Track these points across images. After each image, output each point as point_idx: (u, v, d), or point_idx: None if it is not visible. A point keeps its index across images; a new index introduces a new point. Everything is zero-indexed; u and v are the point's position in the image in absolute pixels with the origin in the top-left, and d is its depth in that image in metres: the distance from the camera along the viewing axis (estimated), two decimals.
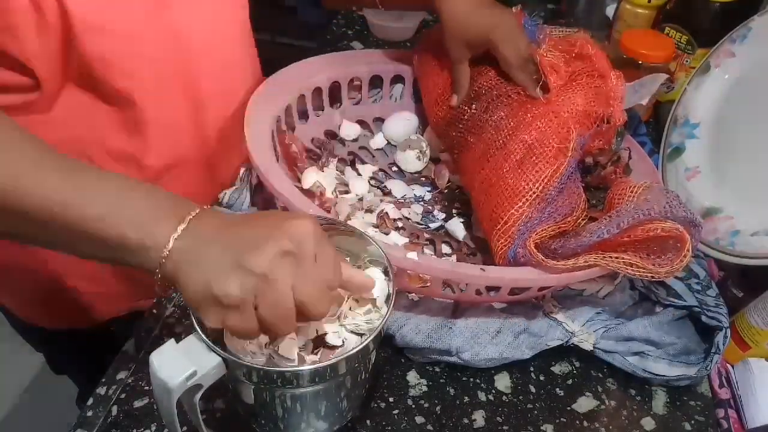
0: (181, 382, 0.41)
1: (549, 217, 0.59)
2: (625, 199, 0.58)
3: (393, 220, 0.71)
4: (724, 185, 0.75)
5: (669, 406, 0.61)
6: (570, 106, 0.63)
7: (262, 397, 0.47)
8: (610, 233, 0.54)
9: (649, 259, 0.54)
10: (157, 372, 0.41)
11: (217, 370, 0.42)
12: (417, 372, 0.61)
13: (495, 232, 0.61)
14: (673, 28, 0.91)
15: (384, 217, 0.70)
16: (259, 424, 0.52)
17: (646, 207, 0.54)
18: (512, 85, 0.67)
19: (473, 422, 0.58)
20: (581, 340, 0.62)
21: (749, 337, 0.64)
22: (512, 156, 0.62)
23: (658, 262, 0.54)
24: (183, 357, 0.41)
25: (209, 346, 0.42)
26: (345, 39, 1.11)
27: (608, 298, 0.65)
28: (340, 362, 0.43)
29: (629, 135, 0.78)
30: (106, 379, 0.58)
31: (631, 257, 0.54)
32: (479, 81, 0.70)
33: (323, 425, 0.51)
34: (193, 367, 0.41)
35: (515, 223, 0.59)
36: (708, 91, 0.81)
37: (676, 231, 0.53)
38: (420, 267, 0.56)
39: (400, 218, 0.72)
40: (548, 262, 0.55)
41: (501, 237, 0.60)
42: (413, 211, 0.74)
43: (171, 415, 0.43)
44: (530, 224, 0.59)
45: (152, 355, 0.42)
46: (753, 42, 0.77)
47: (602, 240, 0.54)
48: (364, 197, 0.73)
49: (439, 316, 0.61)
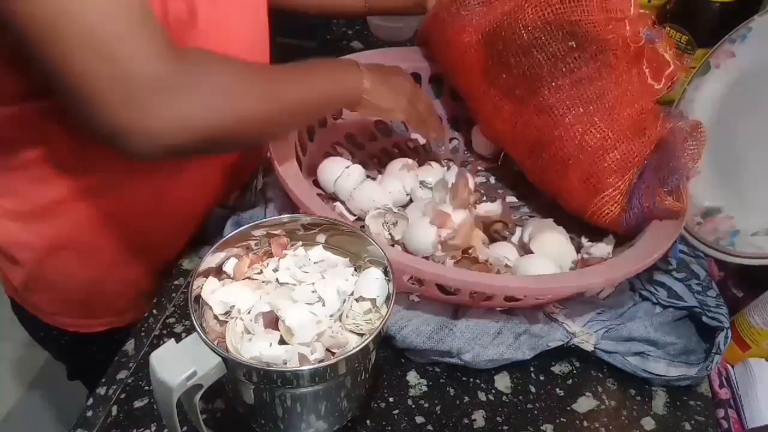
0: (181, 382, 0.41)
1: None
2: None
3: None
4: (724, 185, 0.75)
5: (669, 406, 0.61)
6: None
7: (262, 397, 0.47)
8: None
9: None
10: (157, 372, 0.41)
11: (217, 370, 0.42)
12: (417, 372, 0.61)
13: (599, 199, 0.66)
14: (673, 28, 0.91)
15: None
16: (259, 424, 0.52)
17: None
18: (609, 42, 0.64)
19: (473, 422, 0.58)
20: (582, 340, 0.62)
21: (749, 337, 0.64)
22: (617, 127, 0.65)
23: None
24: (183, 357, 0.42)
25: (209, 345, 0.42)
26: (345, 39, 1.11)
27: (609, 299, 0.65)
28: (340, 362, 0.43)
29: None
30: (106, 379, 0.58)
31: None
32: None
33: (323, 425, 0.51)
34: (194, 367, 0.41)
35: (625, 193, 0.65)
36: (708, 91, 0.81)
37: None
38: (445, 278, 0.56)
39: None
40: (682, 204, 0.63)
41: (608, 204, 0.66)
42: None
43: (171, 415, 0.43)
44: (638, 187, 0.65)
45: (152, 355, 0.42)
46: (753, 42, 0.77)
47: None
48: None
49: (440, 317, 0.61)
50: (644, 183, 0.65)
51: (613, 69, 0.64)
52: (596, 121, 0.65)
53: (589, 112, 0.65)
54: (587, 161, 0.66)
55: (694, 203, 0.74)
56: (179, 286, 0.68)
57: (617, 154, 0.65)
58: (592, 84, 0.65)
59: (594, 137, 0.65)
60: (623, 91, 0.65)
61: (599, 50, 0.64)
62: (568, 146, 0.67)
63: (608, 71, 0.64)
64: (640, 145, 0.65)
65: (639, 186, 0.65)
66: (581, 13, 0.63)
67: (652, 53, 0.65)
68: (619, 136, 0.65)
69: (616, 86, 0.65)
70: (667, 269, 0.68)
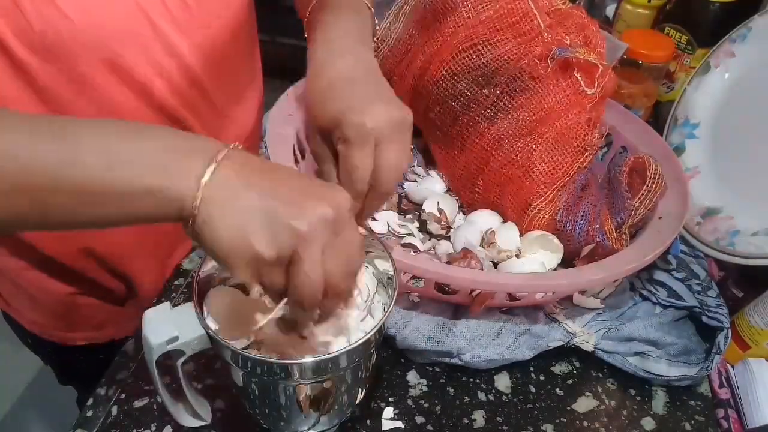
0: (161, 343, 0.43)
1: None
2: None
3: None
4: (724, 185, 0.75)
5: (669, 406, 0.61)
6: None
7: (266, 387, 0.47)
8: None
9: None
10: (144, 329, 0.43)
11: (200, 341, 0.44)
12: (417, 372, 0.61)
13: (530, 211, 0.67)
14: (673, 28, 0.91)
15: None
16: (263, 415, 0.52)
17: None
18: (522, 68, 0.65)
19: (473, 422, 0.58)
20: (582, 341, 0.62)
21: (749, 337, 0.64)
22: (543, 140, 0.66)
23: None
24: (171, 321, 0.43)
25: (198, 317, 0.43)
26: None
27: (609, 299, 0.65)
28: (341, 356, 0.43)
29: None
30: (106, 379, 0.58)
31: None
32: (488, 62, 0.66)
33: (324, 417, 0.51)
34: (176, 332, 0.43)
35: (556, 201, 0.66)
36: (708, 91, 0.81)
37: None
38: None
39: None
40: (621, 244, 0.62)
41: (537, 215, 0.66)
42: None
43: (153, 373, 0.45)
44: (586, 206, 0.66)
45: (145, 312, 0.44)
46: (753, 42, 0.77)
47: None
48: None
49: (440, 318, 0.61)
50: (593, 203, 0.65)
51: (531, 90, 0.66)
52: (523, 141, 0.67)
53: (514, 136, 0.67)
54: (517, 175, 0.68)
55: (694, 203, 0.74)
56: (179, 286, 0.68)
57: (545, 166, 0.66)
58: (510, 114, 0.67)
59: (519, 155, 0.67)
60: (550, 105, 0.66)
61: (512, 79, 0.65)
62: (504, 169, 0.68)
63: (528, 95, 0.66)
64: (570, 156, 0.66)
65: (586, 203, 0.66)
66: (488, 52, 0.64)
67: (581, 60, 0.65)
68: (547, 150, 0.66)
69: (538, 105, 0.66)
70: (667, 269, 0.68)
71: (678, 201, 0.65)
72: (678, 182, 0.67)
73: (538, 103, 0.66)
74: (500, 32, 0.63)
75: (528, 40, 0.63)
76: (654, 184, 0.65)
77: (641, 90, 0.85)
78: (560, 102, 0.65)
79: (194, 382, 0.57)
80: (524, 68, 0.64)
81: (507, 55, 0.64)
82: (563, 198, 0.66)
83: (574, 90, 0.65)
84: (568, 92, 0.65)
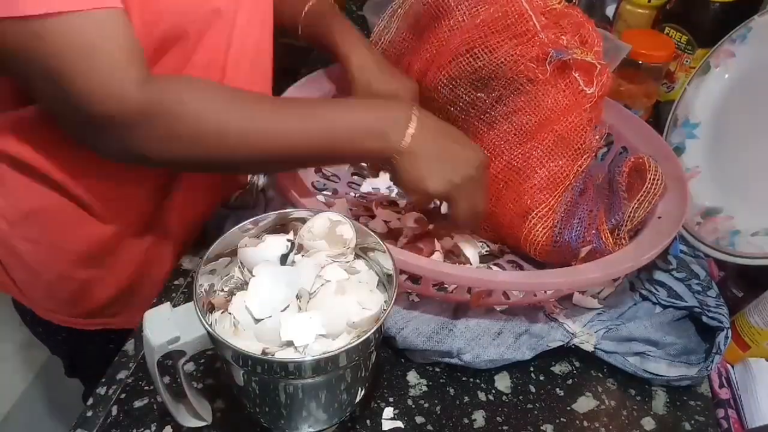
0: (163, 344, 0.43)
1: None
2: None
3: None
4: (724, 185, 0.75)
5: (669, 406, 0.61)
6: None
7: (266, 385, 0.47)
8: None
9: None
10: (145, 330, 0.43)
11: (201, 341, 0.44)
12: (417, 372, 0.61)
13: (530, 219, 0.65)
14: (673, 28, 0.91)
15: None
16: (263, 414, 0.52)
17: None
18: (520, 71, 0.65)
19: (473, 422, 0.58)
20: (582, 341, 0.62)
21: (749, 337, 0.64)
22: (542, 145, 0.65)
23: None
24: (171, 321, 0.44)
25: (199, 318, 0.43)
26: None
27: (609, 299, 0.65)
28: (340, 354, 0.43)
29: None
30: (106, 379, 0.58)
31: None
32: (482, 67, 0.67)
33: (323, 416, 0.52)
34: (178, 332, 0.43)
35: (556, 209, 0.65)
36: (708, 91, 0.81)
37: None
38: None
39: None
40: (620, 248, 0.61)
41: (539, 222, 0.65)
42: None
43: (154, 374, 0.45)
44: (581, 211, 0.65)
45: (146, 313, 0.44)
46: (753, 42, 0.77)
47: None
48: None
49: (440, 318, 0.61)
50: (589, 209, 0.65)
51: (529, 93, 0.65)
52: (522, 147, 0.66)
53: (513, 141, 0.67)
54: (516, 181, 0.67)
55: (694, 203, 0.74)
56: (179, 286, 0.68)
57: (545, 171, 0.65)
58: (509, 118, 0.66)
59: (519, 161, 0.66)
60: (548, 108, 0.65)
61: (509, 82, 0.65)
62: (500, 174, 0.68)
63: (525, 98, 0.65)
64: (570, 159, 0.65)
65: (582, 208, 0.65)
66: (485, 56, 0.64)
67: (580, 61, 0.64)
68: (546, 154, 0.65)
69: (536, 108, 0.65)
70: (667, 269, 0.68)
71: (678, 201, 0.65)
72: (678, 182, 0.67)
73: (536, 105, 0.65)
74: (496, 35, 0.63)
75: (524, 42, 0.63)
76: (654, 184, 0.64)
77: (641, 90, 0.86)
78: (559, 104, 0.64)
79: (194, 382, 0.57)
80: (521, 71, 0.64)
81: (504, 58, 0.63)
82: (563, 208, 0.65)
83: (572, 90, 0.65)
84: (567, 93, 0.64)
